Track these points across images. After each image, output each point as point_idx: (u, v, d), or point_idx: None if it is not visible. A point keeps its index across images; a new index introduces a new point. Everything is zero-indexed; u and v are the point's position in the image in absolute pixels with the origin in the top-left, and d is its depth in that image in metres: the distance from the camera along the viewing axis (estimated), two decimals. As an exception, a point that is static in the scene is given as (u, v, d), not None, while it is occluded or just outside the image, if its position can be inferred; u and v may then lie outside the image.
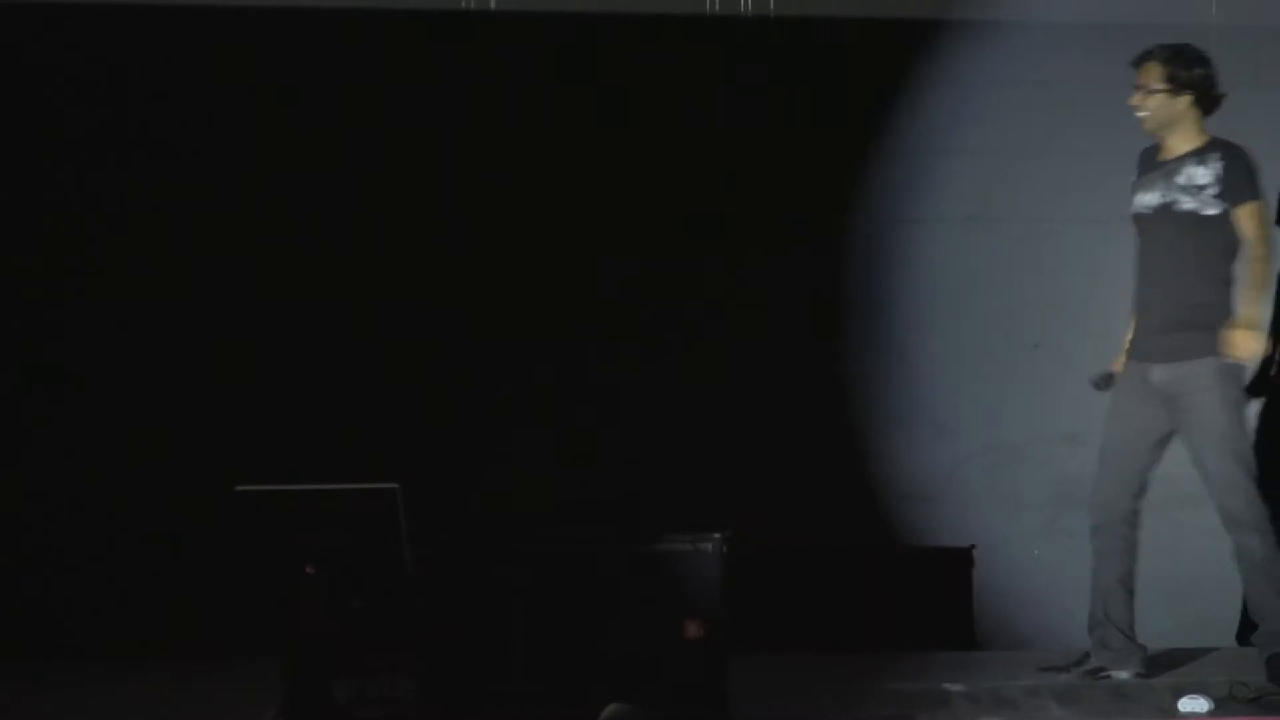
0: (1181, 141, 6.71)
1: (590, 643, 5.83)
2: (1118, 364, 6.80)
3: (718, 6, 7.75)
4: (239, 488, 5.92)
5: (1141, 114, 6.72)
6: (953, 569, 7.70)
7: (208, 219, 7.56)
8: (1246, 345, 6.54)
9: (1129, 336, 6.76)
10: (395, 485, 5.99)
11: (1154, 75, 6.70)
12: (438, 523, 7.19)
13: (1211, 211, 6.62)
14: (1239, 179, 6.64)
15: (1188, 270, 6.64)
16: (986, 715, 6.20)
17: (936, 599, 7.70)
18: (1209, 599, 7.70)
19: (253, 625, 6.41)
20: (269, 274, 7.58)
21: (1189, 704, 6.16)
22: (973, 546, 7.72)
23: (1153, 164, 6.74)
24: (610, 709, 5.68)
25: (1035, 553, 7.76)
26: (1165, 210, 6.67)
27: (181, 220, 7.56)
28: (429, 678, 5.79)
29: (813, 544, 7.71)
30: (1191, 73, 6.70)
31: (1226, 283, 6.63)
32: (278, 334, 7.57)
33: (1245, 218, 6.62)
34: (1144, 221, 6.72)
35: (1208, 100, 6.73)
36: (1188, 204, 6.66)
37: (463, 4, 7.66)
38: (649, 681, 5.82)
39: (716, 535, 5.98)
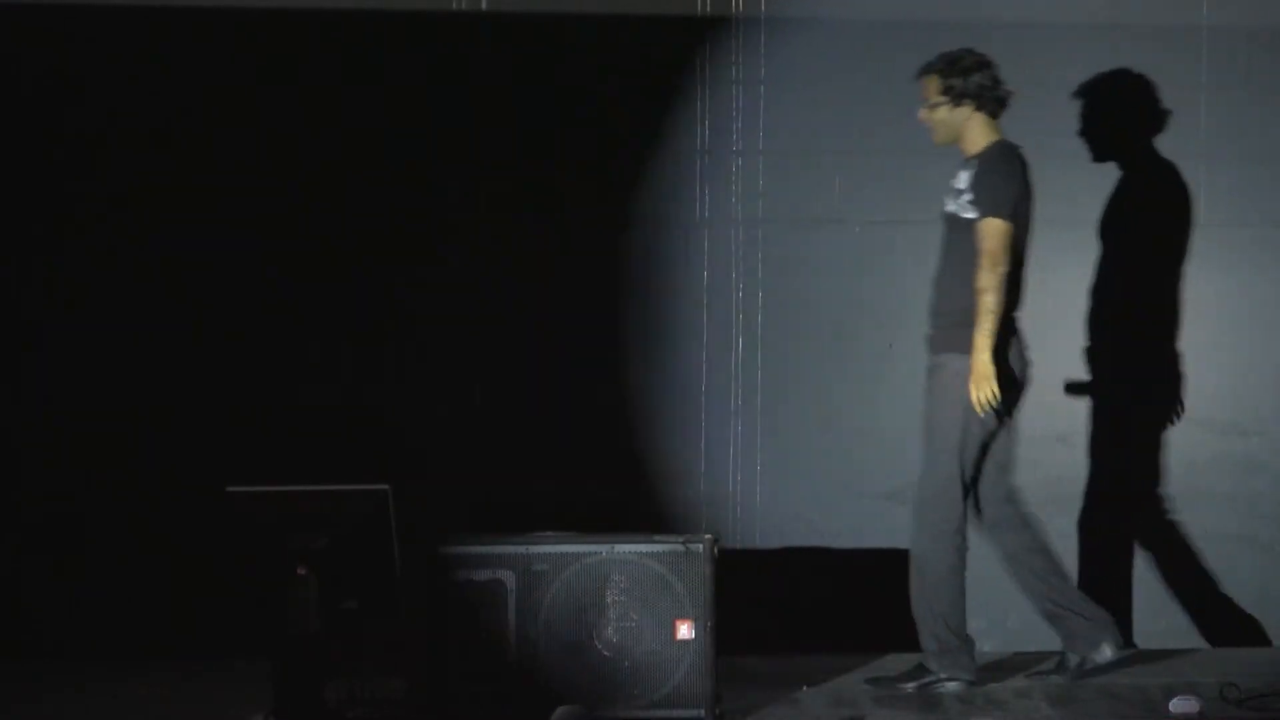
0: (971, 145, 6.79)
1: (581, 644, 5.83)
2: None
3: (709, 7, 7.75)
4: (229, 488, 5.94)
5: (930, 128, 6.80)
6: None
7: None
8: (973, 373, 6.61)
9: None
10: (386, 486, 6.01)
11: (933, 88, 6.78)
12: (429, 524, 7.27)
13: (969, 215, 6.69)
14: (983, 191, 6.68)
15: (951, 270, 6.74)
16: (978, 715, 6.19)
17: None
18: (1200, 601, 7.73)
19: (243, 626, 6.44)
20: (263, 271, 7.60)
21: (1179, 705, 6.15)
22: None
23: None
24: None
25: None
26: (944, 212, 6.79)
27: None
28: (419, 679, 5.79)
29: (805, 546, 7.71)
30: (968, 81, 6.76)
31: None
32: (264, 331, 7.60)
33: (979, 231, 6.66)
34: (942, 220, 6.83)
35: (992, 104, 6.78)
36: (951, 206, 6.77)
37: (454, 4, 7.68)
38: (641, 682, 5.81)
39: (708, 536, 5.98)
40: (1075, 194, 7.55)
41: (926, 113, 6.82)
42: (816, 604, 7.66)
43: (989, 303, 6.57)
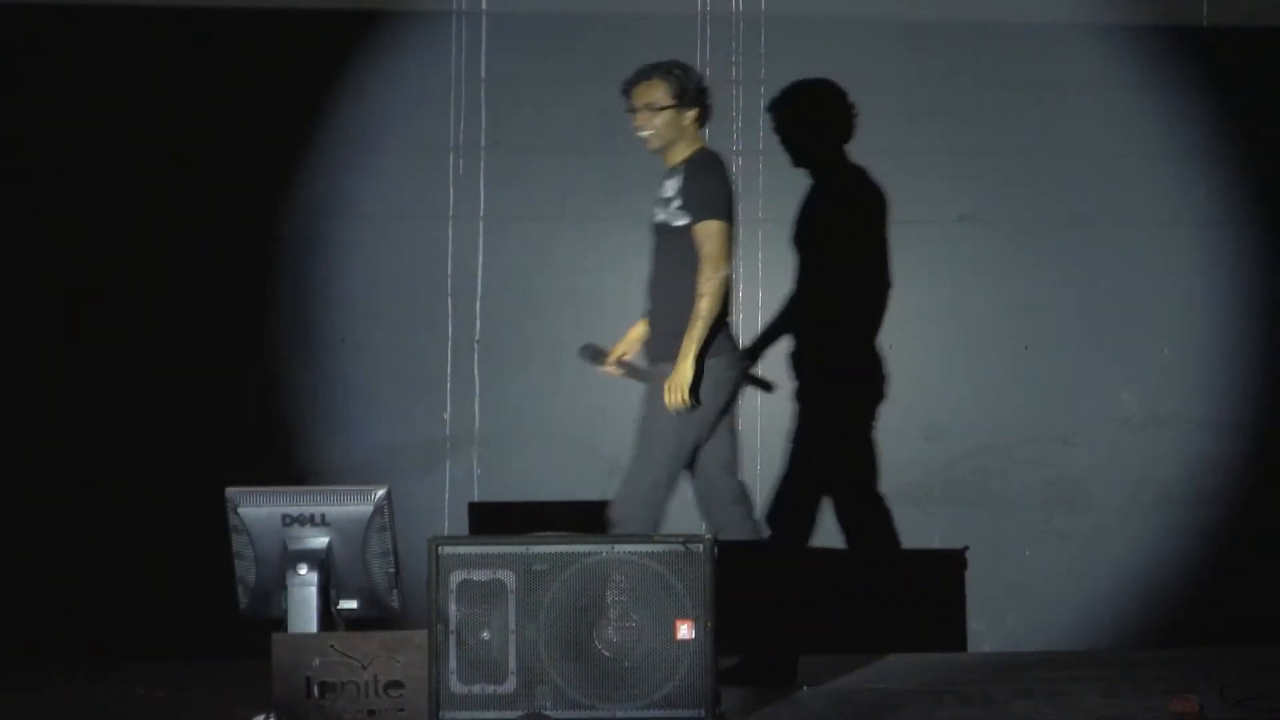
0: (677, 155, 6.77)
1: (581, 644, 5.82)
2: (622, 343, 6.93)
3: (709, 7, 7.76)
4: (228, 488, 5.94)
5: (646, 133, 6.75)
6: (946, 571, 7.70)
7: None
8: (672, 379, 6.61)
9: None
10: (386, 486, 6.01)
11: (660, 93, 6.71)
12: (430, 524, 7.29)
13: (680, 223, 6.68)
14: (696, 196, 6.67)
15: (666, 279, 6.73)
16: (981, 714, 6.20)
17: (931, 600, 7.70)
18: (1192, 599, 7.74)
19: (241, 626, 6.43)
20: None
21: (1179, 704, 6.15)
22: (966, 548, 7.71)
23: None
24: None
25: (1026, 553, 7.76)
26: (652, 222, 6.79)
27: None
28: (419, 679, 5.78)
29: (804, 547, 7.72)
30: (695, 87, 6.76)
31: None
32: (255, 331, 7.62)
33: (698, 235, 6.66)
34: (651, 233, 6.82)
35: (706, 112, 6.79)
36: (660, 215, 6.76)
37: (454, 4, 7.68)
38: (641, 682, 5.81)
39: (708, 536, 5.97)
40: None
41: (648, 117, 6.74)
42: (816, 604, 7.66)
43: (704, 307, 6.59)
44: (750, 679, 6.69)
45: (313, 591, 5.86)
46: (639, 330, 6.92)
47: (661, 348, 6.72)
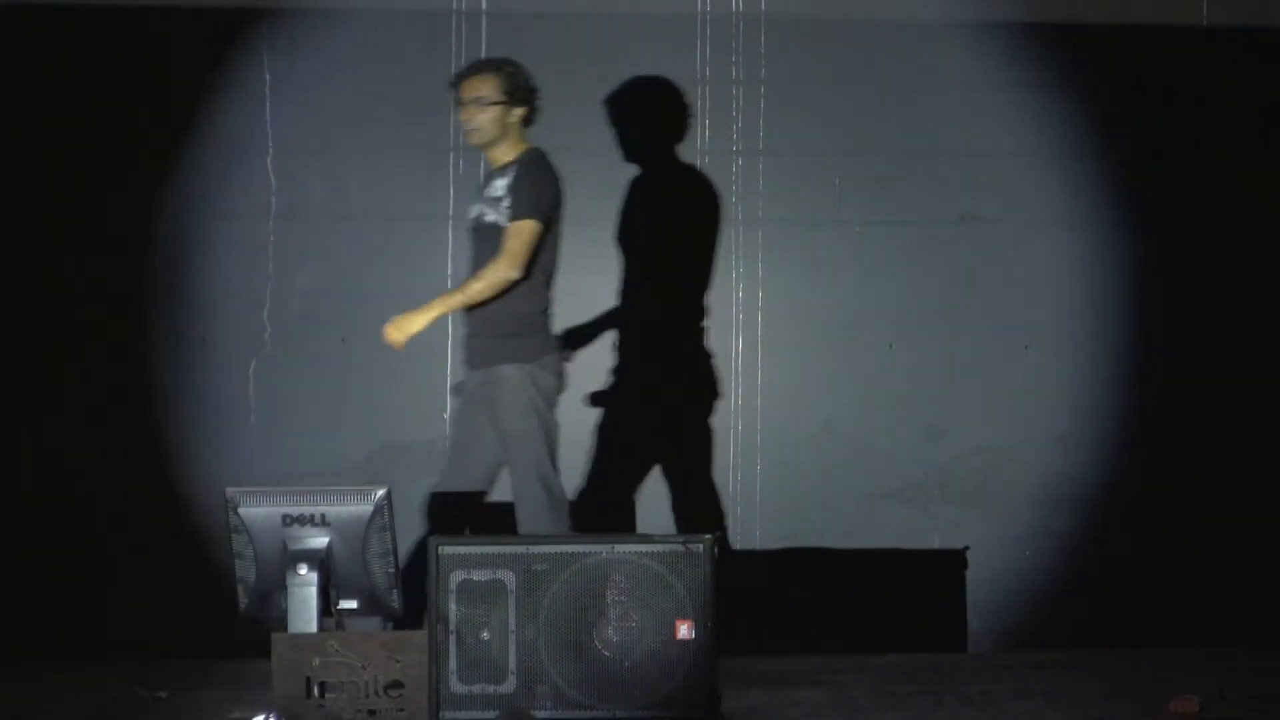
0: (503, 153, 6.78)
1: (581, 644, 5.82)
2: (415, 319, 6.82)
3: (709, 7, 7.76)
4: (228, 488, 5.94)
5: (470, 127, 6.75)
6: (946, 570, 7.70)
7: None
8: (400, 319, 6.62)
9: None
10: (386, 486, 6.01)
11: (490, 88, 6.72)
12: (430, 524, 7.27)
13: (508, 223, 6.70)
14: (521, 194, 6.68)
15: None
16: (980, 714, 6.19)
17: (931, 600, 7.70)
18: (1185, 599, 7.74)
19: (243, 626, 6.43)
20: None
21: (1179, 704, 6.15)
22: (966, 548, 7.71)
23: (485, 176, 6.84)
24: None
25: (1026, 553, 7.76)
26: (479, 222, 6.77)
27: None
28: (419, 679, 5.78)
29: (805, 546, 7.72)
30: (525, 85, 6.77)
31: (534, 292, 6.70)
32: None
33: (509, 229, 6.67)
34: (470, 233, 6.82)
35: (534, 112, 6.81)
36: (490, 216, 6.74)
37: (455, 4, 7.68)
38: (641, 682, 5.81)
39: (708, 536, 5.98)
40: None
41: (475, 111, 6.74)
42: (816, 604, 7.66)
43: (475, 290, 6.62)
44: None
45: (313, 591, 5.87)
46: None
47: (498, 351, 6.70)
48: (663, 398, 7.58)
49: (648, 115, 7.65)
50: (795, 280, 7.79)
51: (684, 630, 5.82)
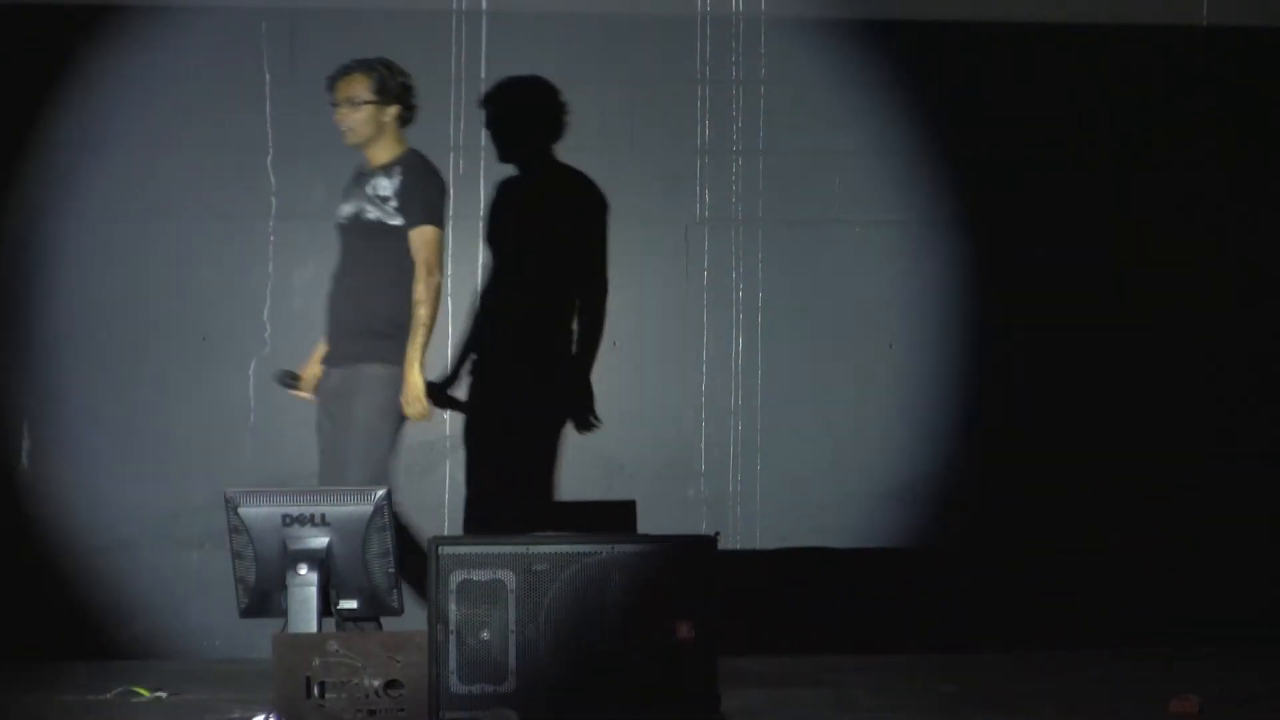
0: (382, 152, 6.76)
1: (581, 644, 5.82)
2: (311, 364, 6.86)
3: (709, 7, 7.76)
4: (228, 488, 5.94)
5: (346, 128, 6.72)
6: (947, 569, 7.71)
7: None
8: (407, 392, 6.61)
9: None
10: (386, 486, 6.01)
11: (362, 87, 6.71)
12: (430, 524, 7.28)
13: (394, 223, 6.67)
14: (416, 199, 6.68)
15: (371, 279, 6.69)
16: (981, 715, 6.19)
17: (931, 600, 7.70)
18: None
19: (242, 627, 6.43)
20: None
21: (1179, 704, 6.15)
22: (966, 547, 7.71)
23: (357, 174, 6.80)
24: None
25: (1024, 553, 7.76)
26: (356, 220, 6.74)
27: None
28: (419, 679, 5.78)
29: (805, 546, 7.72)
30: (400, 83, 6.76)
31: (404, 295, 6.68)
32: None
33: (414, 240, 6.67)
34: (341, 231, 6.79)
35: (410, 111, 6.79)
36: (373, 214, 6.71)
37: (455, 4, 7.68)
38: (640, 683, 5.81)
39: (710, 536, 5.97)
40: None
41: (348, 111, 6.72)
42: (816, 604, 7.66)
43: (425, 314, 6.62)
44: None
45: (313, 591, 5.87)
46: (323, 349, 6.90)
47: (365, 350, 6.67)
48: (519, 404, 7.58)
49: (524, 114, 7.62)
50: (795, 280, 7.79)
51: (684, 630, 5.82)
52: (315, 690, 5.75)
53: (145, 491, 7.46)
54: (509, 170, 7.62)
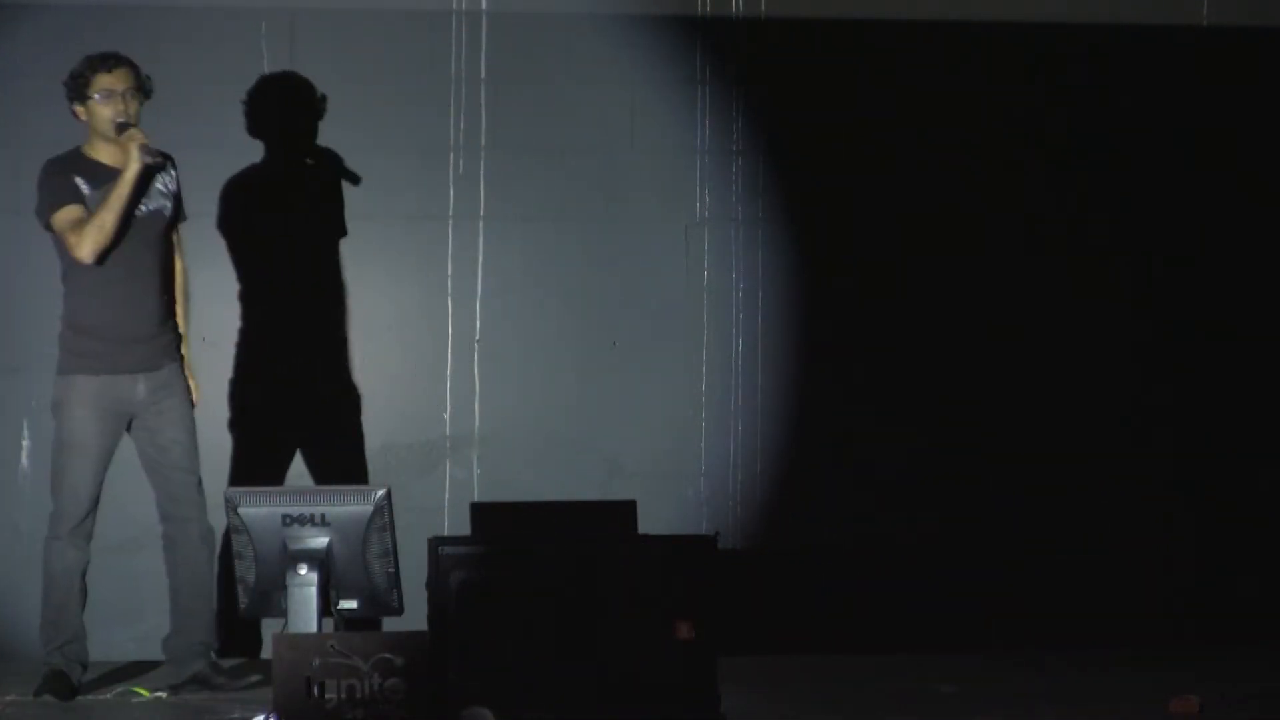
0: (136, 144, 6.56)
1: (581, 643, 5.82)
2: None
3: (709, 7, 7.76)
4: (228, 488, 5.94)
5: (128, 118, 6.55)
6: (948, 569, 7.71)
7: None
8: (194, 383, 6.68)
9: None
10: (386, 486, 6.01)
11: (136, 79, 6.58)
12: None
13: (169, 216, 6.63)
14: (180, 197, 6.66)
15: (160, 276, 6.61)
16: (979, 715, 6.19)
17: (930, 600, 7.70)
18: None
19: (242, 626, 6.44)
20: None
21: (1179, 705, 6.15)
22: (967, 547, 7.72)
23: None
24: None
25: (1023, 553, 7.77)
26: (158, 213, 6.63)
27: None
28: (419, 678, 5.78)
29: (805, 546, 7.72)
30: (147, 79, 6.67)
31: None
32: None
33: (180, 233, 6.71)
34: (140, 221, 6.59)
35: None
36: (169, 209, 6.65)
37: (456, 4, 7.68)
38: (640, 682, 5.81)
39: (710, 536, 5.98)
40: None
41: (131, 101, 6.54)
42: (816, 604, 7.66)
43: (189, 309, 6.68)
44: None
45: (313, 591, 5.87)
46: None
47: (154, 355, 6.58)
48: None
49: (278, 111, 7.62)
50: (793, 280, 7.79)
51: (684, 630, 5.82)
52: (315, 690, 5.74)
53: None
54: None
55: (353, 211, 7.57)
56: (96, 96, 6.51)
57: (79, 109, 6.56)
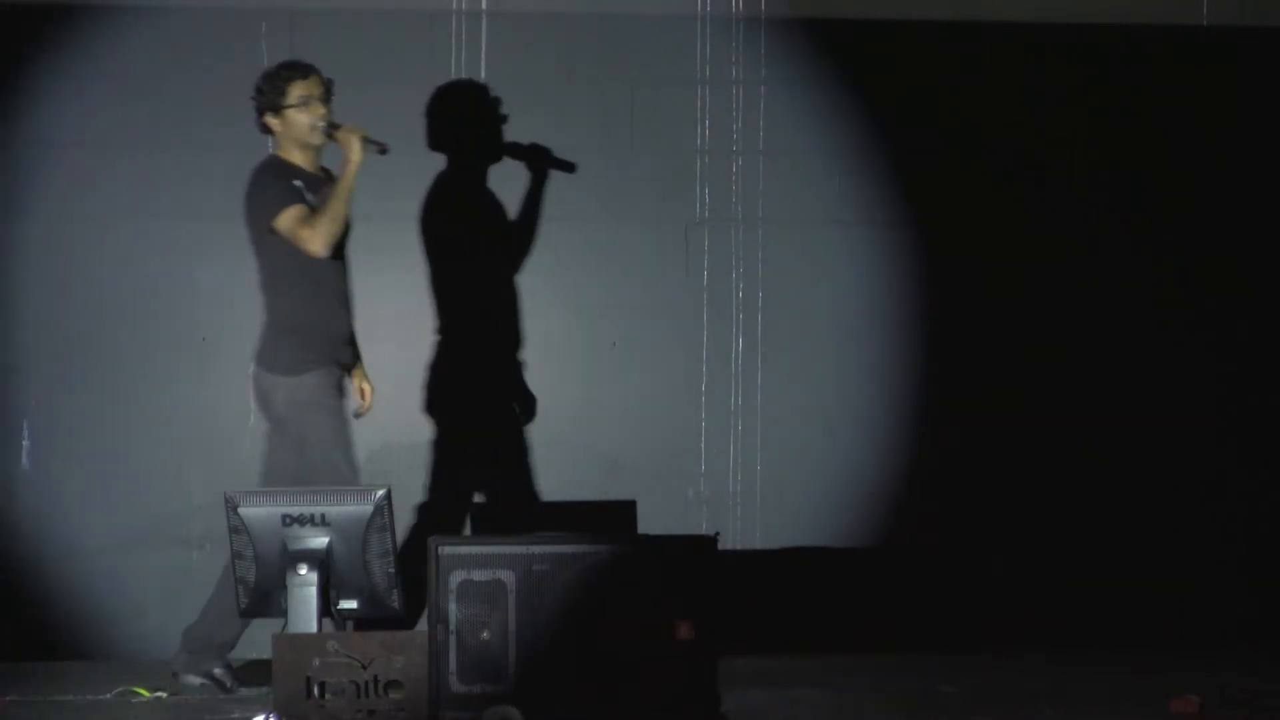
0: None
1: (581, 644, 5.82)
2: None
3: (709, 7, 7.76)
4: (227, 488, 5.94)
5: (326, 121, 6.64)
6: (948, 569, 7.71)
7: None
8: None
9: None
10: (386, 486, 6.01)
11: (322, 84, 6.65)
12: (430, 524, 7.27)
13: None
14: None
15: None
16: (979, 715, 6.19)
17: (931, 600, 7.70)
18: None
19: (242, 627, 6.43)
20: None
21: (1180, 704, 6.15)
22: (967, 547, 7.72)
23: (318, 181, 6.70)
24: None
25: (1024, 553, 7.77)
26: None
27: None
28: (419, 679, 5.78)
29: (805, 546, 7.72)
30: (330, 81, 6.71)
31: None
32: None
33: None
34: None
35: None
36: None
37: (455, 4, 7.68)
38: (640, 682, 5.81)
39: (710, 536, 5.98)
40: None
41: (325, 106, 6.65)
42: (816, 604, 7.66)
43: None
44: None
45: (313, 591, 5.88)
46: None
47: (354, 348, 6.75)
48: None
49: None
50: (795, 280, 7.79)
51: (684, 630, 5.82)
52: (315, 690, 5.75)
53: (145, 491, 7.46)
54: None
55: (354, 212, 7.57)
56: (294, 104, 6.58)
57: (272, 120, 6.63)
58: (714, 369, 7.76)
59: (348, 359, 6.70)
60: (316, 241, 6.44)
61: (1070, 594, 7.69)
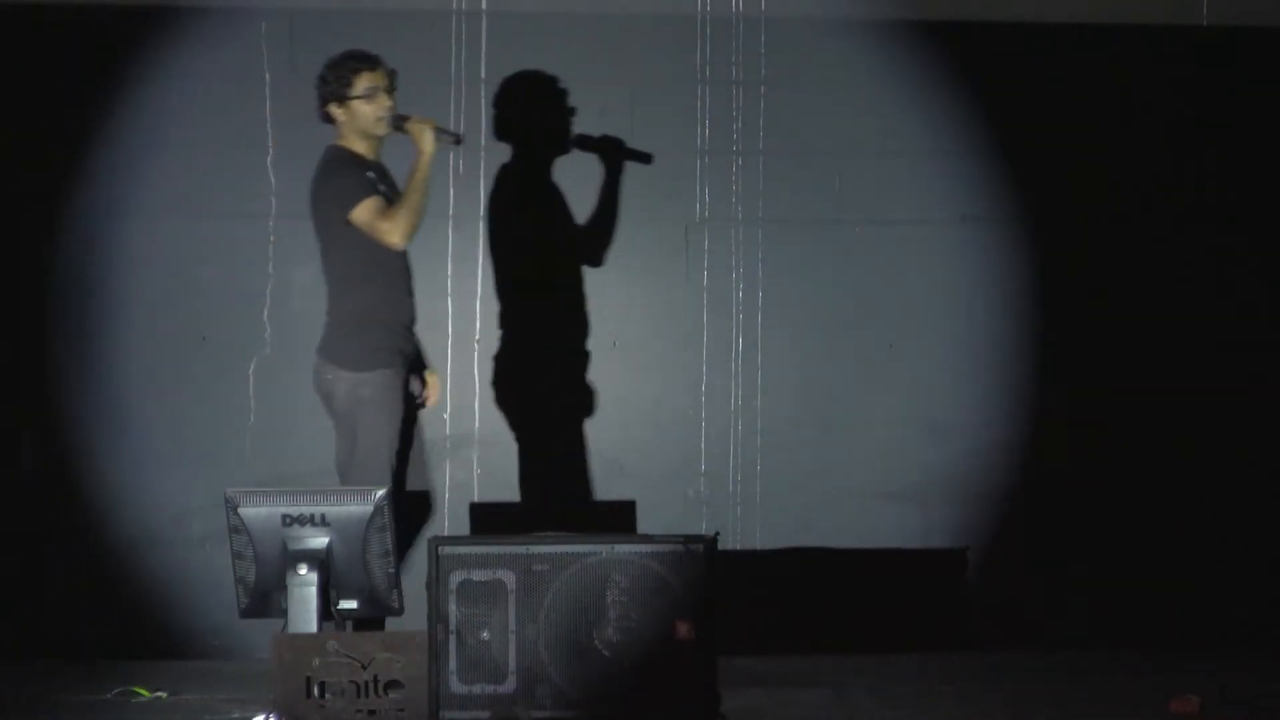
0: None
1: (581, 644, 5.82)
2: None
3: (709, 7, 7.76)
4: (227, 488, 5.94)
5: (391, 113, 6.67)
6: (948, 569, 7.71)
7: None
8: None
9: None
10: (386, 486, 6.01)
11: (387, 75, 6.68)
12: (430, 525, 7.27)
13: None
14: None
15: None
16: (981, 715, 6.19)
17: (931, 600, 7.70)
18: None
19: (242, 627, 6.43)
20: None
21: (1180, 704, 6.14)
22: (967, 547, 7.71)
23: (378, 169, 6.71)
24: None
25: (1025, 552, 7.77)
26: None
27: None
28: (419, 678, 5.78)
29: (805, 546, 7.72)
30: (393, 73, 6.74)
31: None
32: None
33: None
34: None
35: None
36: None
37: (455, 4, 7.68)
38: (640, 682, 5.80)
39: (708, 536, 5.97)
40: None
41: (390, 97, 6.68)
42: (816, 604, 7.66)
43: None
44: None
45: (313, 591, 5.87)
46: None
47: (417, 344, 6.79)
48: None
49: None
50: (795, 280, 7.78)
51: (684, 630, 5.81)
52: (315, 690, 5.75)
53: (146, 492, 7.46)
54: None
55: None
56: (360, 95, 6.58)
57: (336, 110, 6.63)
58: (714, 369, 7.76)
59: (410, 350, 6.70)
60: (397, 234, 6.46)
61: (1070, 594, 7.69)
